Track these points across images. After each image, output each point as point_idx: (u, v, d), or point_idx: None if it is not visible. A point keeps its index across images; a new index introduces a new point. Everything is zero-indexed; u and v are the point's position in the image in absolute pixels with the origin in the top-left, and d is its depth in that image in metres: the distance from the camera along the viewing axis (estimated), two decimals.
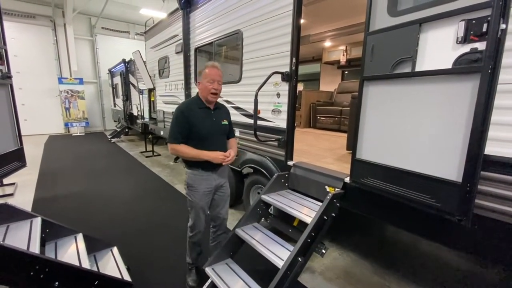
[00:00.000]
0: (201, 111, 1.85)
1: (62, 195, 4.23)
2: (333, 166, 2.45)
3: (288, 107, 2.47)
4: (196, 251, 2.13)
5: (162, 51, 5.35)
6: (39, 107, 10.79)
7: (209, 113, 1.88)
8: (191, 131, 1.79)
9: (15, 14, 9.82)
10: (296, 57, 2.39)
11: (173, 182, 4.91)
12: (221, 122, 1.95)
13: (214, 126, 1.89)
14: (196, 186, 1.88)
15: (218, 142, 1.92)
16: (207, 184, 1.91)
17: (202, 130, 1.81)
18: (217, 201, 2.05)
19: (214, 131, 1.88)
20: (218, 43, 3.52)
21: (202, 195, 1.90)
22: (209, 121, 1.86)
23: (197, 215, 1.95)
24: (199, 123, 1.80)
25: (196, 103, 1.87)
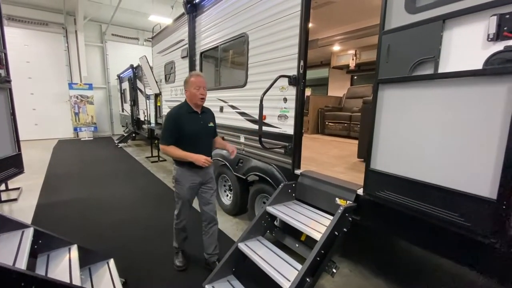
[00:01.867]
0: (189, 115, 2.07)
1: (65, 201, 4.17)
2: (345, 176, 2.28)
3: (296, 112, 2.33)
4: (182, 236, 2.38)
5: (168, 56, 5.32)
6: (49, 112, 10.98)
7: (197, 117, 2.10)
8: (180, 133, 2.02)
9: (28, 21, 10.09)
10: (304, 60, 2.26)
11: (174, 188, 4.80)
12: (208, 124, 2.17)
13: (202, 128, 2.11)
14: (182, 181, 2.13)
15: (205, 143, 2.16)
16: (192, 179, 2.13)
17: (190, 132, 2.03)
18: (204, 196, 2.27)
19: (201, 133, 2.11)
20: (223, 47, 3.44)
21: (187, 189, 2.14)
22: (197, 124, 2.09)
23: (182, 205, 2.21)
24: (188, 126, 2.02)
25: (185, 109, 2.08)
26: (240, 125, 3.16)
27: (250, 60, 2.90)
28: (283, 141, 2.47)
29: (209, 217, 2.30)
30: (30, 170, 5.95)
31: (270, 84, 2.25)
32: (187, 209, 2.25)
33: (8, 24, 9.77)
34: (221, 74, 3.56)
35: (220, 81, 3.54)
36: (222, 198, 3.78)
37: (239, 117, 3.16)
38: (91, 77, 11.57)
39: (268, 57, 2.65)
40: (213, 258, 2.34)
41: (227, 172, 3.52)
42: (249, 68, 2.93)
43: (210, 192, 2.27)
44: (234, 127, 3.27)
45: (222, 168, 3.67)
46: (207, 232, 2.34)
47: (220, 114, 3.60)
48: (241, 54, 3.16)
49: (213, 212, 2.31)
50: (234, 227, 3.32)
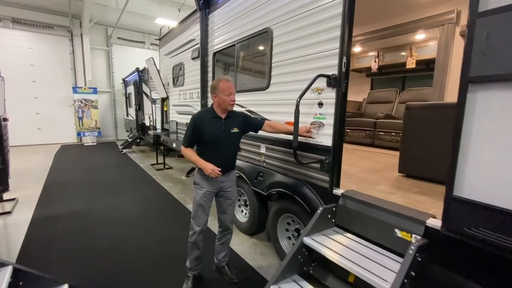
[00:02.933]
0: (212, 120, 2.02)
1: (62, 214, 3.79)
2: (398, 199, 1.86)
3: (335, 119, 1.92)
4: (194, 254, 2.20)
5: (177, 57, 4.98)
6: (53, 116, 10.72)
7: (219, 122, 2.04)
8: (200, 137, 2.02)
9: (34, 24, 9.91)
10: (347, 56, 1.87)
11: (185, 201, 4.40)
12: (231, 130, 2.07)
13: (222, 134, 2.03)
14: (201, 184, 2.09)
15: (225, 149, 2.07)
16: (210, 185, 2.09)
17: (209, 138, 2.00)
18: (222, 205, 2.24)
19: (221, 139, 2.03)
20: (241, 46, 3.06)
21: (204, 194, 2.08)
22: (218, 129, 2.02)
23: (196, 212, 2.12)
24: (207, 131, 1.99)
25: (208, 113, 2.06)
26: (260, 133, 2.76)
27: (274, 58, 2.51)
28: (317, 153, 2.06)
29: (224, 225, 2.31)
30: (29, 178, 5.61)
31: (307, 85, 1.85)
32: (200, 219, 2.13)
33: (12, 27, 9.60)
34: (238, 75, 3.18)
35: (237, 83, 3.16)
36: (237, 214, 3.36)
37: None
38: (96, 81, 11.33)
39: (297, 55, 2.26)
40: (222, 263, 2.41)
41: (243, 185, 3.11)
42: (273, 68, 2.54)
43: (228, 201, 2.22)
44: (253, 135, 2.87)
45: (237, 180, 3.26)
46: (220, 239, 2.37)
47: None
48: (262, 53, 2.78)
49: (228, 222, 2.30)
50: (251, 250, 2.90)
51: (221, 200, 2.22)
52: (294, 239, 2.52)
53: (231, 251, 2.76)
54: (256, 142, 2.84)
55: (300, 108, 2.18)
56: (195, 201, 2.12)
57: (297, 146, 1.81)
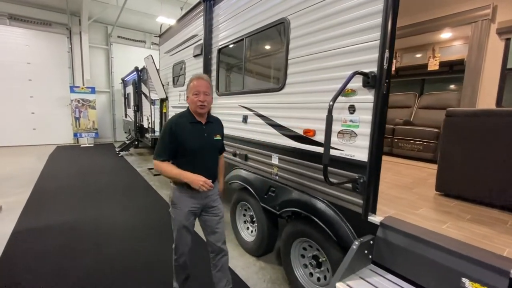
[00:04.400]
0: (191, 126, 1.74)
1: (48, 226, 3.39)
2: (452, 231, 1.46)
3: (373, 128, 1.53)
4: (183, 275, 1.98)
5: (178, 55, 4.61)
6: (49, 116, 10.35)
7: (200, 128, 1.76)
8: (179, 147, 1.69)
9: (31, 21, 9.57)
10: (390, 49, 1.49)
11: None
12: (214, 137, 1.82)
13: (205, 142, 1.77)
14: (180, 204, 1.77)
15: (209, 159, 1.82)
16: (192, 202, 1.77)
17: (191, 147, 1.71)
18: (209, 225, 1.87)
19: (205, 148, 1.77)
20: (250, 40, 2.68)
21: (186, 214, 1.77)
22: (200, 137, 1.76)
23: (180, 235, 1.81)
24: (188, 140, 1.70)
25: (186, 118, 1.76)
26: (272, 140, 2.37)
27: (291, 54, 2.13)
28: (348, 170, 1.67)
29: (216, 248, 1.90)
30: (17, 183, 5.22)
31: (342, 84, 1.46)
32: (186, 240, 1.83)
33: (9, 23, 9.26)
34: (247, 74, 2.79)
35: (245, 83, 2.78)
36: (242, 232, 2.96)
37: (271, 130, 2.38)
38: (95, 80, 10.98)
39: (320, 49, 1.87)
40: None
41: (250, 200, 2.72)
42: (289, 66, 2.15)
43: (215, 218, 1.87)
44: (263, 143, 2.48)
45: (242, 193, 2.87)
46: (216, 265, 1.94)
47: (242, 125, 2.82)
48: (276, 48, 2.41)
49: (221, 243, 1.90)
50: (259, 276, 2.49)
51: (207, 218, 1.87)
52: (311, 268, 2.12)
53: (234, 277, 2.38)
54: (266, 151, 2.45)
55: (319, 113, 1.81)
56: (175, 222, 1.79)
57: (328, 163, 1.41)
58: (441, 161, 2.14)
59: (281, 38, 2.25)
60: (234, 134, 2.98)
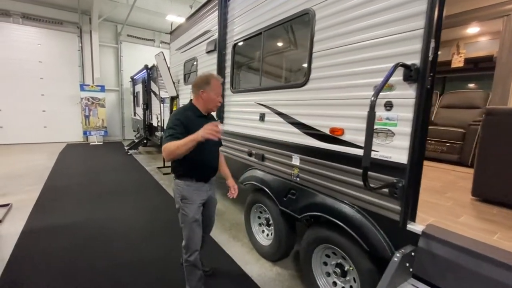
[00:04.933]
0: (199, 119, 1.79)
1: (57, 226, 3.33)
2: (504, 242, 1.30)
3: (414, 126, 1.37)
4: (196, 275, 1.93)
5: (189, 52, 4.51)
6: (59, 114, 10.44)
7: (205, 122, 1.69)
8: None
9: (43, 20, 9.66)
10: (437, 38, 1.33)
11: None
12: None
13: None
14: (191, 198, 1.82)
15: (212, 151, 1.91)
16: (200, 195, 1.87)
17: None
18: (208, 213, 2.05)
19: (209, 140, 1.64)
20: (269, 34, 2.54)
21: (197, 207, 1.85)
22: None
23: (192, 230, 1.84)
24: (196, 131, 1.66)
25: (192, 111, 1.82)
26: (292, 140, 2.23)
27: (317, 47, 1.98)
28: (384, 173, 1.51)
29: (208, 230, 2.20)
30: (28, 180, 5.21)
31: (385, 77, 1.30)
32: (198, 235, 1.86)
33: (22, 22, 9.36)
34: (264, 70, 2.66)
35: (262, 80, 2.64)
36: (257, 235, 2.83)
37: (291, 129, 2.24)
38: (104, 79, 11.01)
39: (350, 41, 1.72)
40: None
41: (267, 202, 2.58)
42: (314, 60, 2.01)
43: (213, 208, 2.11)
44: (282, 142, 2.34)
45: (258, 195, 2.74)
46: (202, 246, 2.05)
47: (259, 123, 2.68)
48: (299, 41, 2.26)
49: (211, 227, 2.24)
50: (277, 284, 2.35)
51: (207, 208, 2.04)
52: (335, 277, 1.97)
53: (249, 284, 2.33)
54: (285, 151, 2.31)
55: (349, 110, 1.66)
56: (188, 218, 1.81)
57: (369, 165, 1.26)
58: (478, 163, 1.96)
59: (305, 31, 2.11)
60: (249, 133, 2.85)
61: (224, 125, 3.42)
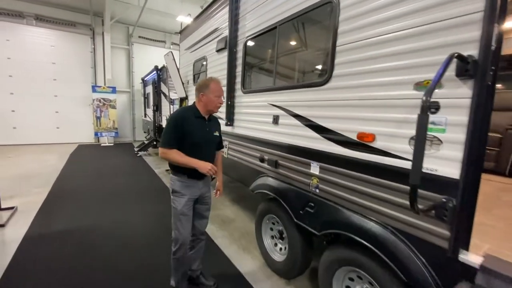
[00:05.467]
0: (196, 120, 1.88)
1: (61, 231, 3.21)
2: None
3: (470, 133, 1.11)
4: (181, 270, 2.02)
5: (199, 51, 4.33)
6: (72, 115, 10.54)
7: (204, 123, 1.93)
8: (184, 138, 1.82)
9: (56, 22, 9.78)
10: (500, 23, 1.06)
11: None
12: (214, 133, 2.01)
13: (207, 136, 1.95)
14: (182, 192, 1.91)
15: (208, 152, 1.98)
16: (192, 191, 1.94)
17: (195, 138, 1.85)
18: (200, 212, 2.08)
19: (206, 141, 1.93)
20: (285, 27, 2.30)
21: (186, 202, 1.91)
22: (203, 130, 1.92)
23: (180, 223, 1.92)
24: (193, 131, 1.84)
25: (192, 112, 1.90)
26: (311, 145, 1.98)
27: (341, 39, 1.73)
28: (425, 189, 1.24)
29: (200, 231, 2.15)
30: (36, 182, 5.16)
31: (438, 72, 1.04)
32: (186, 229, 1.94)
33: (36, 24, 9.51)
34: (279, 68, 2.42)
35: (276, 78, 2.41)
36: (269, 249, 2.59)
37: (309, 133, 1.99)
38: (116, 80, 11.07)
39: (384, 30, 1.46)
40: (197, 273, 2.24)
41: (281, 214, 2.34)
42: (338, 54, 1.76)
43: (206, 207, 2.12)
44: (299, 148, 2.10)
45: (270, 205, 2.50)
46: (193, 247, 2.17)
47: (272, 126, 2.45)
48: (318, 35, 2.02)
49: (204, 227, 2.18)
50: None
51: (199, 206, 2.07)
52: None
53: None
54: (303, 157, 2.06)
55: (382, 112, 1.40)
56: (176, 211, 1.92)
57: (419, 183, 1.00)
58: None
59: (326, 23, 1.86)
60: (261, 137, 2.62)
61: (234, 128, 3.21)
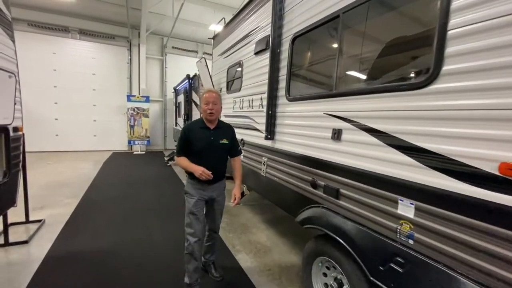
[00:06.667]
0: (201, 130, 2.12)
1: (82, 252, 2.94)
2: None
3: None
4: (192, 266, 2.15)
5: (234, 56, 3.95)
6: (108, 123, 10.89)
7: (207, 133, 2.12)
8: (189, 147, 2.10)
9: (97, 35, 10.27)
10: None
11: (234, 246, 3.20)
12: (220, 141, 2.14)
13: (210, 144, 2.10)
14: (192, 193, 2.15)
15: (214, 159, 2.12)
16: (200, 193, 2.15)
17: (198, 147, 2.08)
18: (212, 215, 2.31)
19: (209, 149, 2.10)
20: (353, 14, 1.76)
21: (196, 203, 2.12)
22: (206, 139, 2.10)
23: (190, 221, 2.13)
24: (195, 141, 2.09)
25: (197, 124, 2.17)
26: (401, 174, 1.38)
27: (457, 19, 1.15)
28: None
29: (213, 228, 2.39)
30: (68, 191, 5.10)
31: None
32: (196, 226, 2.12)
33: (79, 37, 10.05)
34: (342, 67, 1.87)
35: (338, 81, 1.86)
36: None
37: (397, 156, 1.39)
38: (149, 89, 11.30)
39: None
40: (209, 262, 2.52)
41: (343, 261, 1.74)
42: (450, 42, 1.17)
43: (218, 211, 2.31)
44: (378, 176, 1.50)
45: (326, 245, 1.91)
46: (209, 240, 2.45)
47: (331, 143, 1.88)
48: (411, 17, 1.45)
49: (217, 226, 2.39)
50: None
51: (211, 208, 2.28)
52: None
53: None
54: (384, 189, 1.47)
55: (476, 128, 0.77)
56: (187, 210, 2.14)
57: None
58: None
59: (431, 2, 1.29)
60: (314, 155, 2.07)
61: (275, 142, 2.69)
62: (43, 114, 9.78)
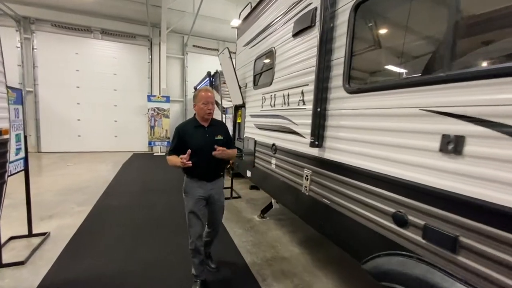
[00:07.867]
0: (195, 129, 2.18)
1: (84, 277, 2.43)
2: None
3: None
4: (197, 260, 2.21)
5: (263, 44, 3.29)
6: (128, 124, 10.73)
7: (202, 131, 2.19)
8: (185, 146, 2.06)
9: (119, 34, 10.11)
10: None
11: (261, 274, 2.54)
12: (215, 137, 2.20)
13: (206, 142, 2.14)
14: (190, 192, 2.18)
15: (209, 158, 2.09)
16: (200, 191, 2.18)
17: (193, 146, 2.07)
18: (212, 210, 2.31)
19: (205, 146, 2.11)
20: None
21: (195, 200, 2.16)
22: (202, 137, 2.16)
23: (190, 219, 2.17)
24: (191, 140, 2.12)
25: (191, 123, 2.22)
26: None
27: None
28: None
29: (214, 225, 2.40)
30: (81, 197, 4.73)
31: None
32: (197, 224, 2.17)
33: (101, 37, 9.94)
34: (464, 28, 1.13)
35: (455, 55, 1.13)
36: None
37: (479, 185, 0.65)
38: (170, 89, 11.00)
39: None
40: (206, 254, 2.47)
41: None
42: None
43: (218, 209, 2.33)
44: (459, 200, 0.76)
45: None
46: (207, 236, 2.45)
47: (440, 159, 1.15)
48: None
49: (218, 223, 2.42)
50: None
51: (211, 208, 2.29)
52: None
53: None
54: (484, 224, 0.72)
55: None
56: (187, 209, 2.18)
57: None
58: None
59: None
60: (399, 175, 1.34)
61: (325, 151, 1.99)
62: (67, 114, 9.77)
